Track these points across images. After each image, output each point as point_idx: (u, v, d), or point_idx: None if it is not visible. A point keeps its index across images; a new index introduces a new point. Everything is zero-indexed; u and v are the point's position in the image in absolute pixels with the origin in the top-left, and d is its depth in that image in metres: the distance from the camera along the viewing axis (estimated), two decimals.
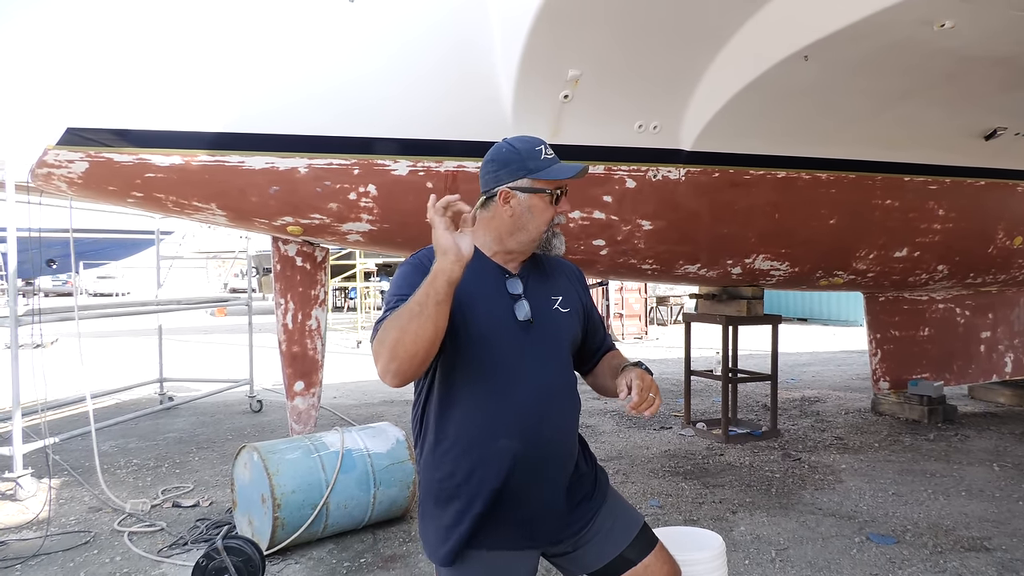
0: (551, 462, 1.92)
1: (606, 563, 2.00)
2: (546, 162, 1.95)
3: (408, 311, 1.67)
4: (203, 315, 21.75)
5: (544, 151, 1.97)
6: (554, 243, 1.99)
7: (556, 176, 1.94)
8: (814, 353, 12.82)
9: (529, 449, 1.87)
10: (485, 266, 1.94)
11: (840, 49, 3.91)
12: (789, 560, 3.79)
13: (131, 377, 9.08)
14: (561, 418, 1.95)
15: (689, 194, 4.91)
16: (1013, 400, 7.73)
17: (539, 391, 1.90)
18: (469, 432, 1.87)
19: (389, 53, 4.24)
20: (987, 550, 3.92)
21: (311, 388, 5.01)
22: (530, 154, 1.95)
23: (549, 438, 1.91)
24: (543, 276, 2.03)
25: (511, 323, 1.89)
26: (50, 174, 4.20)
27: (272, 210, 4.44)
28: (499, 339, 1.87)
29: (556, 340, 1.96)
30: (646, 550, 2.02)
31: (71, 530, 4.33)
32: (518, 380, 1.88)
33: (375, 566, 3.81)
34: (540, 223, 1.95)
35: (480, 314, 1.87)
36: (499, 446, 1.86)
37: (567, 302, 2.02)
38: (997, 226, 6.17)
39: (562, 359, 1.98)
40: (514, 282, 1.94)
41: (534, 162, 1.94)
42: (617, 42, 4.08)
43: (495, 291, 1.92)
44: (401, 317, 1.68)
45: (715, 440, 6.36)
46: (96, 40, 4.10)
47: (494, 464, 1.86)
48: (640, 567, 2.00)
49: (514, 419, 1.86)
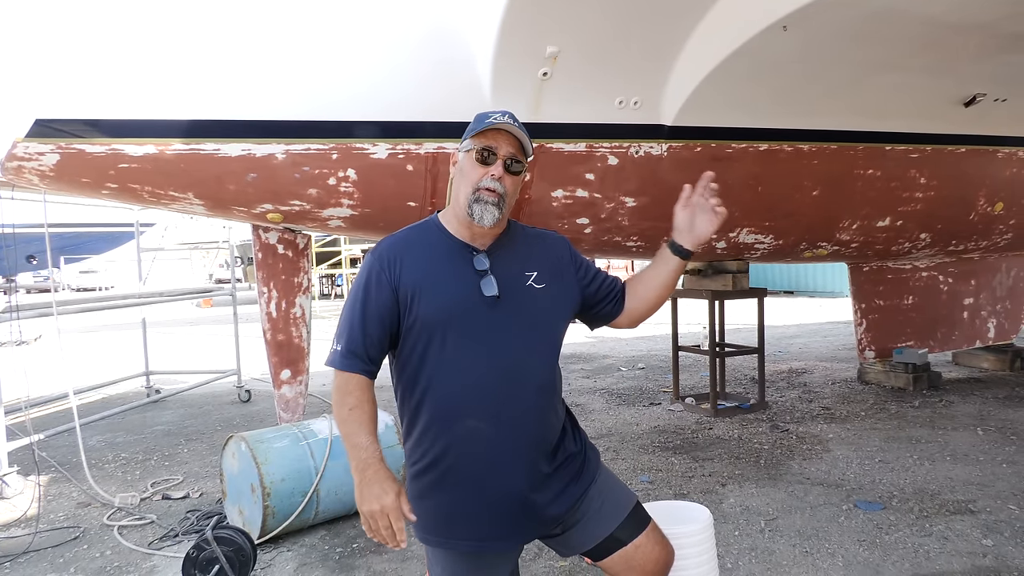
0: (523, 441, 1.88)
1: (597, 543, 1.98)
2: (487, 125, 1.88)
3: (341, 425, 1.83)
4: (189, 307, 21.60)
5: (496, 116, 1.89)
6: (474, 210, 1.86)
7: (479, 127, 1.88)
8: (800, 325, 12.93)
9: (500, 429, 1.84)
10: (452, 246, 1.92)
11: (819, 19, 3.88)
12: (778, 530, 3.83)
13: (117, 371, 9.00)
14: (532, 396, 1.90)
15: (672, 169, 4.89)
16: (996, 365, 7.84)
17: (507, 369, 1.86)
18: (439, 414, 1.86)
19: (365, 34, 4.17)
20: (972, 512, 3.98)
21: (298, 376, 4.99)
22: (479, 119, 1.91)
23: (519, 417, 1.87)
24: (516, 251, 1.96)
25: (478, 300, 1.86)
26: (21, 167, 4.11)
27: (251, 197, 4.38)
28: (464, 318, 1.85)
29: (528, 316, 1.90)
30: (637, 530, 2.00)
31: (60, 526, 4.31)
32: (486, 359, 1.85)
33: (367, 551, 3.81)
34: (466, 185, 1.88)
35: (444, 295, 1.85)
36: (467, 426, 1.84)
37: (544, 277, 1.95)
38: (978, 193, 6.20)
39: (536, 337, 1.92)
40: (480, 259, 1.90)
41: (478, 125, 1.90)
42: (595, 17, 4.02)
43: (461, 269, 1.89)
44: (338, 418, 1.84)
45: (704, 414, 6.41)
46: (64, 29, 4.00)
47: (465, 445, 1.84)
48: (631, 547, 1.98)
49: (481, 398, 1.84)
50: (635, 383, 8.02)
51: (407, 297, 1.85)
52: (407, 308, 1.85)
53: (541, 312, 1.94)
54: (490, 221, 1.85)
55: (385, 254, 1.90)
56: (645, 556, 1.98)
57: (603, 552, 1.99)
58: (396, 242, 1.94)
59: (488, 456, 1.85)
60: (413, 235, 1.96)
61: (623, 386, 7.88)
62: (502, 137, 1.89)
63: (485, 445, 1.84)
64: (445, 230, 1.94)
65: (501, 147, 1.88)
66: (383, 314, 1.86)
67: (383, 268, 1.87)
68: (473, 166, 1.88)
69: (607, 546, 1.98)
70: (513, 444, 1.87)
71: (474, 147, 1.88)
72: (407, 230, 1.99)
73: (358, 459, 1.76)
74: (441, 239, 1.93)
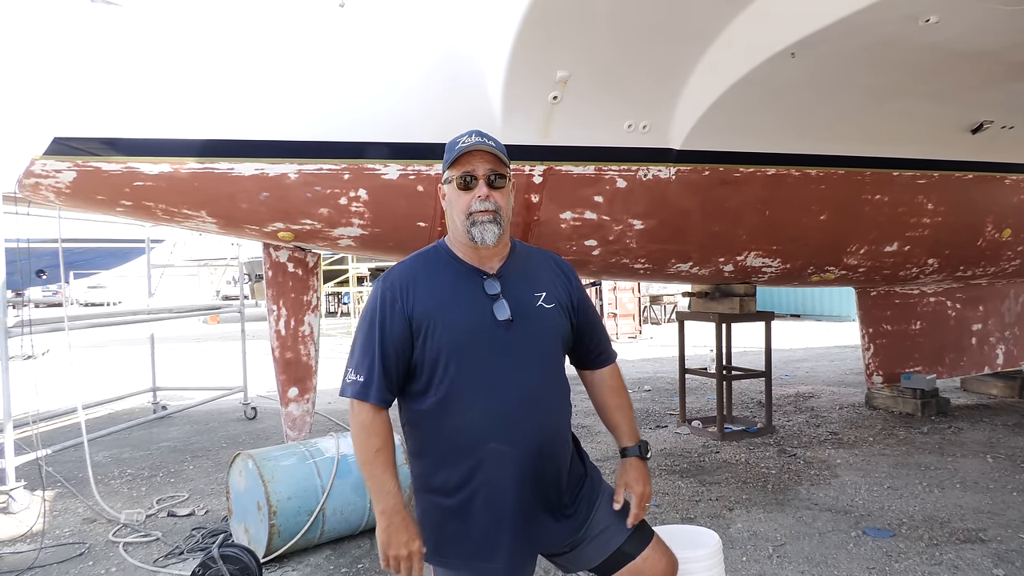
0: (544, 462, 1.92)
1: (605, 559, 2.01)
2: (458, 151, 1.89)
3: (365, 466, 1.90)
4: (196, 323, 21.66)
5: (463, 140, 1.90)
6: (474, 232, 1.87)
7: (452, 155, 1.90)
8: (808, 349, 12.87)
9: (520, 451, 1.87)
10: (460, 270, 1.93)
11: (826, 46, 3.93)
12: (786, 556, 3.80)
13: (124, 387, 9.02)
14: (550, 417, 1.94)
15: (680, 193, 4.92)
16: (1005, 391, 7.78)
17: (526, 392, 1.89)
18: (460, 439, 1.87)
19: (378, 56, 4.23)
20: (982, 541, 3.94)
21: (305, 394, 5.00)
22: (451, 146, 1.93)
23: (540, 439, 1.90)
24: (524, 272, 1.98)
25: (492, 325, 1.87)
26: (38, 184, 4.17)
27: (262, 216, 4.42)
28: (480, 343, 1.86)
29: (541, 338, 1.94)
30: (644, 543, 2.03)
31: (65, 542, 4.30)
32: (503, 383, 1.87)
33: (373, 571, 3.79)
34: (458, 213, 1.90)
35: (458, 321, 1.86)
36: (490, 449, 1.86)
37: (551, 297, 1.98)
38: (986, 219, 6.20)
39: (548, 358, 1.96)
40: (491, 283, 1.91)
41: (450, 153, 1.92)
42: (605, 42, 4.08)
43: (473, 294, 1.90)
44: (363, 459, 1.90)
45: (711, 438, 6.37)
46: (82, 49, 4.08)
47: (490, 468, 1.86)
48: (639, 560, 2.00)
49: (500, 421, 1.86)
50: (641, 405, 7.99)
51: (421, 326, 1.86)
52: (421, 336, 1.87)
53: (551, 332, 1.97)
54: (492, 239, 1.87)
55: (397, 282, 1.91)
56: (653, 568, 2.01)
57: (611, 567, 2.01)
58: (406, 270, 1.95)
59: (511, 478, 1.87)
60: (423, 262, 1.97)
61: None
62: (477, 158, 1.91)
63: (508, 466, 1.86)
64: (454, 255, 1.95)
65: (479, 168, 1.90)
66: (399, 346, 1.87)
67: (396, 298, 1.88)
68: (458, 195, 1.90)
69: (615, 560, 2.01)
70: (531, 465, 1.89)
71: (453, 177, 1.91)
72: (416, 257, 2.00)
73: (385, 503, 1.83)
74: (450, 264, 1.95)
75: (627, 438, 2.15)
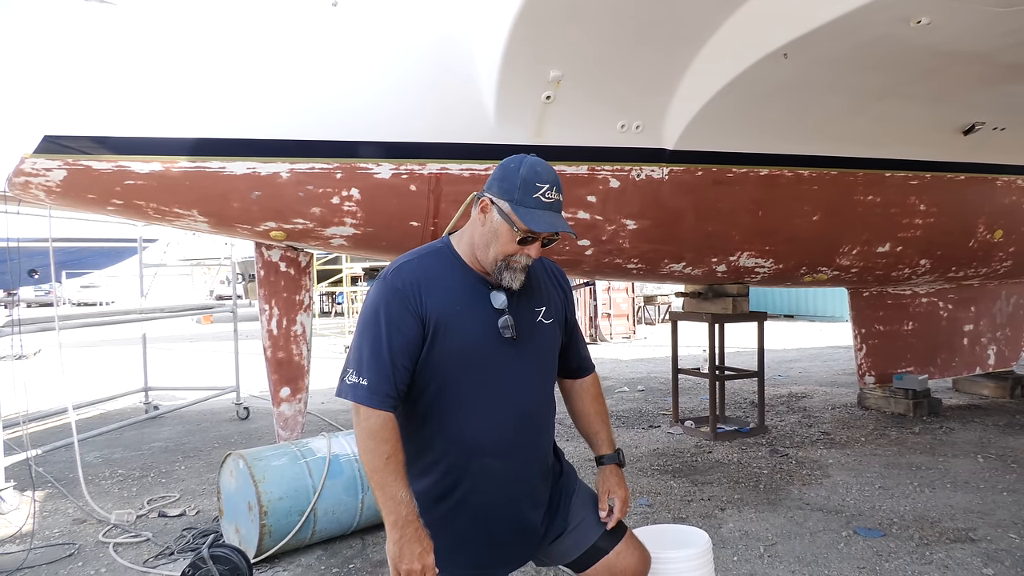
0: (529, 472, 1.95)
1: (579, 554, 2.04)
2: (536, 203, 1.80)
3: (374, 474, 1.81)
4: (189, 323, 21.57)
5: (545, 193, 1.81)
6: (504, 275, 1.85)
7: (530, 224, 1.81)
8: (800, 349, 12.90)
9: (510, 464, 1.89)
10: (468, 278, 1.90)
11: (819, 47, 3.94)
12: (777, 556, 3.81)
13: (116, 387, 8.97)
14: (542, 433, 1.99)
15: (673, 193, 4.93)
16: (996, 392, 7.81)
17: (523, 409, 1.92)
18: (453, 450, 1.87)
19: (371, 57, 4.23)
20: (972, 541, 3.95)
21: (297, 394, 4.98)
22: (528, 187, 1.81)
23: (533, 455, 1.95)
24: (526, 285, 1.93)
25: (495, 339, 1.85)
26: (28, 183, 4.15)
27: (254, 216, 4.41)
28: (482, 357, 1.86)
29: (540, 355, 1.96)
30: (617, 538, 2.06)
31: (55, 543, 4.28)
32: (503, 398, 1.88)
33: (364, 571, 3.78)
34: (499, 251, 1.84)
35: (463, 330, 1.84)
36: (482, 463, 1.87)
37: (550, 312, 1.99)
38: (977, 220, 6.23)
39: (544, 375, 1.99)
40: (497, 295, 1.88)
41: (525, 196, 1.81)
42: (598, 42, 4.08)
43: (478, 304, 1.87)
44: (372, 466, 1.80)
45: (703, 438, 6.38)
46: (72, 46, 4.06)
47: (478, 481, 1.87)
48: (612, 555, 2.03)
49: (496, 437, 1.87)
50: (634, 405, 8.00)
51: (431, 329, 1.81)
52: (429, 340, 1.82)
53: (550, 349, 2.01)
54: (518, 286, 1.87)
55: (408, 279, 1.83)
56: (625, 562, 2.03)
57: (587, 562, 2.04)
58: (414, 269, 1.87)
59: (498, 490, 1.89)
60: (429, 262, 1.90)
61: (622, 408, 7.85)
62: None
63: (497, 481, 1.89)
64: (462, 261, 1.91)
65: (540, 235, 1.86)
66: (410, 347, 1.80)
67: (406, 297, 1.81)
68: (510, 240, 1.82)
69: (590, 556, 2.04)
70: (521, 477, 1.93)
71: (517, 229, 1.81)
72: (421, 257, 1.92)
73: (396, 514, 1.75)
74: (457, 269, 1.90)
75: (606, 446, 2.15)
